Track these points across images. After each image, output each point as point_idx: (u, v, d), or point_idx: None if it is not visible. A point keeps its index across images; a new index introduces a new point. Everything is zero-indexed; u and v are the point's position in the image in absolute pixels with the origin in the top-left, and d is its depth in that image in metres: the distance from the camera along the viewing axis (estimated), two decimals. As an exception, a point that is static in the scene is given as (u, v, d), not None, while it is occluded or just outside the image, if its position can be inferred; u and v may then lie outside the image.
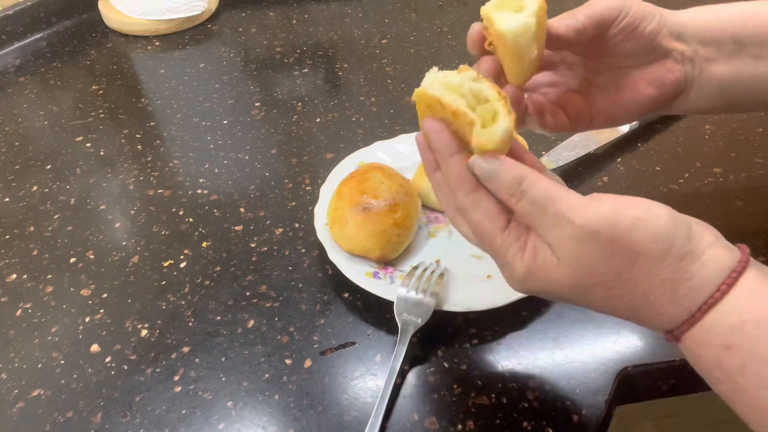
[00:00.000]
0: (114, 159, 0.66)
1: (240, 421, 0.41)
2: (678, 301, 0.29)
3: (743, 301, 0.27)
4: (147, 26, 0.89)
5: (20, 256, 0.55)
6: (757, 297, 0.27)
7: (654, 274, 0.28)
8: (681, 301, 0.29)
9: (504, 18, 0.34)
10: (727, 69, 0.39)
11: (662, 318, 0.30)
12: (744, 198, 0.57)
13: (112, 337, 0.47)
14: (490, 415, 0.41)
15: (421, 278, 0.47)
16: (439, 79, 0.32)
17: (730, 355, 0.27)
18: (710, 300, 0.28)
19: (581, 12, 0.37)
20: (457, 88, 0.32)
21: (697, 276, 0.28)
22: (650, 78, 0.40)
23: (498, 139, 0.30)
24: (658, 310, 0.29)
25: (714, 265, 0.28)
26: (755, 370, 0.26)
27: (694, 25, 0.39)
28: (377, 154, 0.60)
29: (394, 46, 0.85)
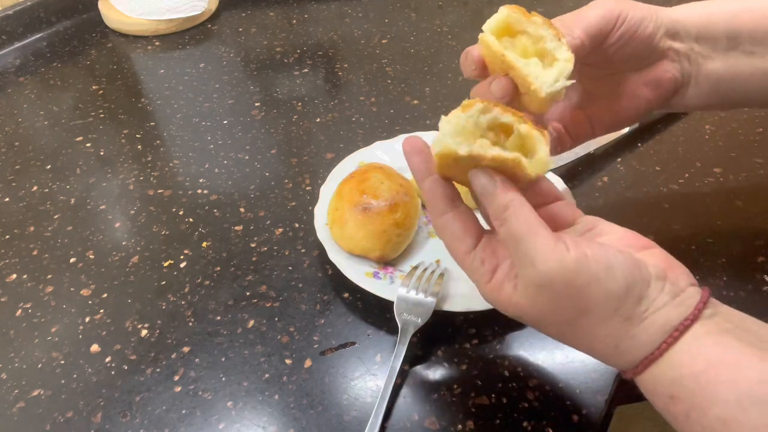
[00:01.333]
0: (114, 159, 0.66)
1: (240, 421, 0.41)
2: (620, 355, 0.30)
3: (682, 356, 0.29)
4: (147, 26, 0.89)
5: (20, 256, 0.55)
6: (694, 352, 0.28)
7: (597, 330, 0.30)
8: (622, 355, 0.30)
9: (537, 74, 0.33)
10: (722, 66, 0.39)
11: (610, 363, 0.32)
12: (744, 198, 0.57)
13: (112, 337, 0.47)
14: (490, 415, 0.41)
15: (421, 278, 0.47)
16: (452, 129, 0.31)
17: (674, 404, 0.29)
18: (651, 356, 0.29)
19: (576, 27, 0.36)
20: (474, 131, 0.31)
21: (638, 336, 0.29)
22: (648, 80, 0.40)
23: (546, 166, 0.31)
24: (605, 357, 0.32)
25: (659, 324, 0.29)
26: (697, 418, 0.28)
27: (689, 21, 0.39)
28: (377, 154, 0.60)
29: (394, 46, 0.85)
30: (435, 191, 0.34)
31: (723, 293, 0.48)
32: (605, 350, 0.31)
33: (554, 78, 0.33)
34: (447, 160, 0.32)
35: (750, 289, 0.48)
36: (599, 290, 0.29)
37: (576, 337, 0.32)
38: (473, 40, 0.38)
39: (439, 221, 0.34)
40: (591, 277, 0.29)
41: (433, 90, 0.75)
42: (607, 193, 0.58)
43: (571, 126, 0.42)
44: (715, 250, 0.52)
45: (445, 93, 0.74)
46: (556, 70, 0.33)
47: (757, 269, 0.50)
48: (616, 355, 0.31)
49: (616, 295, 0.29)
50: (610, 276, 0.29)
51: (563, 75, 0.33)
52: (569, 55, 0.33)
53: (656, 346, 0.29)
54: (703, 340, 0.28)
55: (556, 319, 0.31)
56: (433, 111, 0.71)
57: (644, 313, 0.29)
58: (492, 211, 0.31)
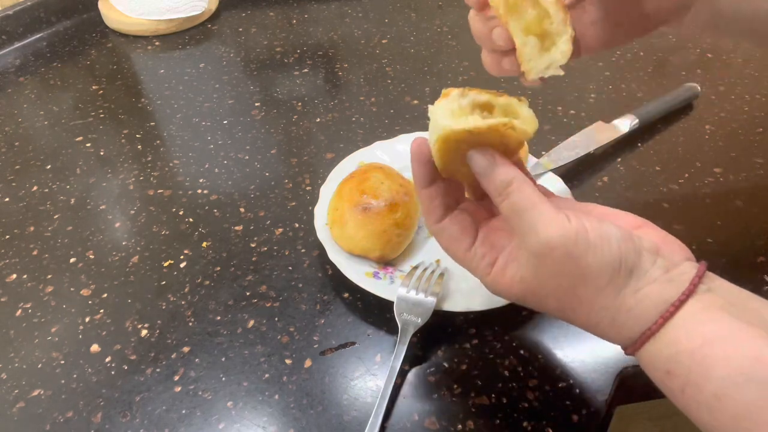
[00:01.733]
0: (114, 159, 0.66)
1: (240, 421, 0.41)
2: (618, 329, 0.31)
3: (678, 332, 0.29)
4: (147, 26, 0.89)
5: (20, 256, 0.55)
6: (690, 329, 0.29)
7: (594, 302, 0.31)
8: (621, 329, 0.31)
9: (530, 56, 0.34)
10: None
11: (610, 338, 0.33)
12: (744, 198, 0.57)
13: (112, 337, 0.47)
14: (490, 415, 0.41)
15: (421, 278, 0.47)
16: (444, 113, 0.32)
17: (671, 379, 0.29)
18: (647, 332, 0.30)
19: None
20: (461, 113, 0.32)
21: (635, 309, 0.30)
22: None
23: (534, 121, 0.32)
24: (603, 331, 0.32)
25: (653, 299, 0.30)
26: (692, 394, 0.28)
27: None
28: (377, 154, 0.60)
29: (394, 46, 0.85)
30: (433, 200, 0.35)
31: (723, 293, 0.48)
32: (603, 324, 0.32)
33: (545, 65, 0.33)
34: (448, 146, 0.32)
35: (750, 289, 0.48)
36: (595, 260, 0.30)
37: (574, 311, 0.32)
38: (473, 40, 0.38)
39: (435, 227, 0.36)
40: (588, 247, 0.30)
41: (433, 90, 0.75)
42: (607, 193, 0.58)
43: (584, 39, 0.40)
44: (715, 250, 0.52)
45: (445, 93, 0.74)
46: (549, 58, 0.33)
47: (757, 269, 0.50)
48: (613, 329, 0.31)
49: (611, 264, 0.30)
50: (606, 246, 0.30)
51: (555, 66, 0.33)
52: (567, 47, 0.33)
53: (653, 321, 0.30)
54: (699, 316, 0.29)
55: (556, 290, 0.32)
56: (433, 111, 0.71)
57: (637, 284, 0.30)
58: (494, 188, 0.32)
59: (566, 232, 0.30)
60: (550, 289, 0.32)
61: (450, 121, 0.31)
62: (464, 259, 0.35)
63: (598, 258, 0.30)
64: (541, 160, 0.59)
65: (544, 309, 0.35)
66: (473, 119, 0.31)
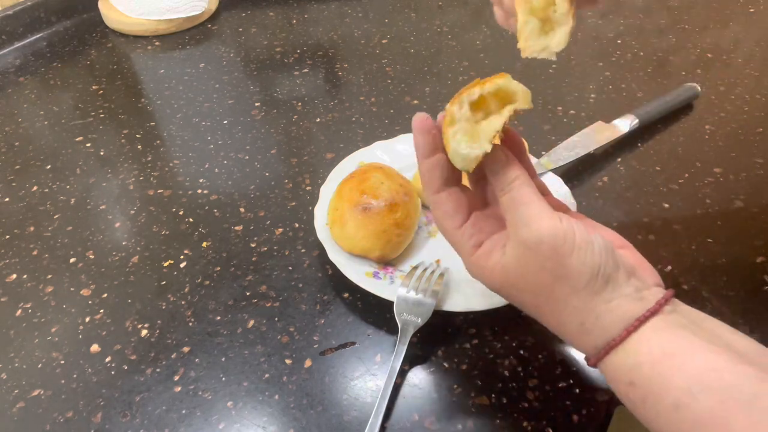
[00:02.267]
0: (114, 159, 0.66)
1: (240, 421, 0.41)
2: (585, 334, 0.32)
3: (641, 345, 0.31)
4: (147, 26, 0.89)
5: (20, 256, 0.55)
6: (652, 342, 0.30)
7: (569, 301, 0.32)
8: (587, 335, 0.32)
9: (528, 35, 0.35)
10: None
11: (577, 344, 0.34)
12: (744, 198, 0.57)
13: (112, 337, 0.47)
14: (490, 415, 0.41)
15: (421, 278, 0.47)
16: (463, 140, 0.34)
17: (633, 390, 0.31)
18: (612, 342, 0.31)
19: None
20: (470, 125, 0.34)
21: (603, 317, 0.32)
22: None
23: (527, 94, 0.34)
24: (571, 334, 0.33)
25: (621, 312, 0.31)
26: (652, 404, 0.30)
27: None
28: (377, 154, 0.60)
29: (394, 46, 0.85)
30: (433, 171, 0.36)
31: (723, 293, 0.48)
32: (571, 326, 0.33)
33: (540, 48, 0.35)
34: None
35: (750, 289, 0.48)
36: (578, 261, 0.32)
37: (548, 308, 0.33)
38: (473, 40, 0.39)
39: (433, 198, 0.37)
40: (574, 248, 0.32)
41: (433, 90, 0.75)
42: (607, 193, 0.58)
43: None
44: (715, 250, 0.52)
45: (445, 93, 0.74)
46: (545, 42, 0.34)
47: (757, 269, 0.50)
48: (580, 333, 0.33)
49: (590, 268, 0.32)
50: (589, 250, 0.32)
51: (549, 51, 0.34)
52: (564, 38, 0.34)
53: (618, 332, 0.31)
54: (662, 333, 0.31)
55: (535, 285, 0.33)
56: (433, 111, 0.70)
57: (611, 295, 0.32)
58: (499, 182, 0.34)
59: (556, 230, 0.32)
60: (530, 283, 0.33)
61: (468, 150, 0.34)
62: (453, 235, 0.37)
63: (581, 260, 0.32)
64: (541, 160, 0.60)
65: (518, 302, 0.36)
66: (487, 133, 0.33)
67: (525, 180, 0.34)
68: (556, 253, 0.32)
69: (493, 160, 0.35)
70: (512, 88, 0.34)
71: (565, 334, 0.34)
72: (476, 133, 0.34)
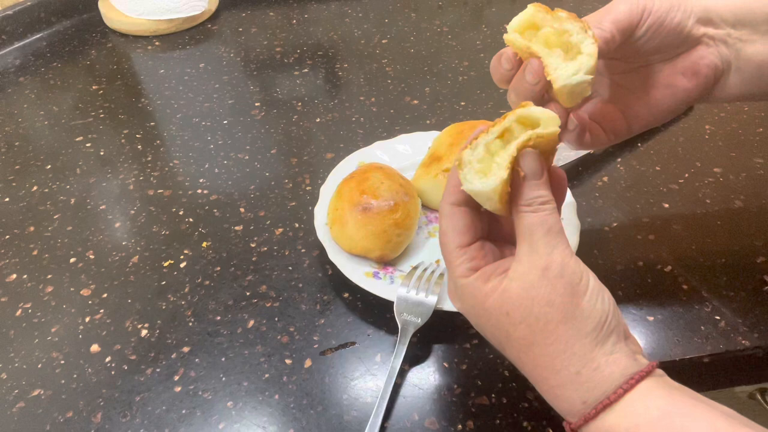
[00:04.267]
0: (114, 159, 0.66)
1: (240, 421, 0.41)
2: (578, 384, 0.30)
3: (636, 406, 0.29)
4: (147, 26, 0.89)
5: (20, 256, 0.55)
6: (649, 402, 0.29)
7: (570, 343, 0.30)
8: (579, 387, 0.30)
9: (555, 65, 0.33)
10: (764, 48, 0.38)
11: (559, 397, 0.31)
12: (744, 198, 0.57)
13: (112, 337, 0.47)
14: (490, 415, 0.41)
15: (421, 278, 0.47)
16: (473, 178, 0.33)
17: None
18: (606, 401, 0.29)
19: (605, 20, 0.36)
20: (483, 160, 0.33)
21: (602, 369, 0.30)
22: (683, 68, 0.38)
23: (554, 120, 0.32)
24: (559, 383, 0.31)
25: (621, 367, 0.30)
26: None
27: (723, 8, 0.38)
28: (377, 154, 0.60)
29: (394, 46, 0.85)
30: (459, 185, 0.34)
31: (723, 293, 0.48)
32: (565, 373, 0.31)
33: (573, 71, 0.33)
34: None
35: (750, 289, 0.48)
36: (589, 304, 0.31)
37: (543, 347, 0.31)
38: (473, 40, 0.38)
39: (449, 209, 0.35)
40: (588, 290, 0.31)
41: (433, 90, 0.75)
42: (607, 193, 0.58)
43: (606, 122, 0.41)
44: (715, 250, 0.52)
45: (445, 93, 0.74)
46: (576, 63, 0.33)
47: (757, 269, 0.50)
48: (573, 382, 0.30)
49: (599, 315, 0.31)
50: (600, 297, 0.31)
51: (583, 70, 0.33)
52: (593, 48, 0.33)
53: (615, 387, 0.30)
54: (657, 392, 0.29)
55: (538, 317, 0.31)
56: (433, 111, 0.71)
57: (612, 347, 0.31)
58: (528, 194, 0.32)
59: (578, 269, 0.31)
60: (531, 315, 0.31)
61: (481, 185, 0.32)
62: (452, 252, 0.35)
63: (592, 303, 0.31)
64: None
65: (502, 334, 0.33)
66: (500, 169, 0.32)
67: (555, 207, 0.33)
68: (572, 290, 0.30)
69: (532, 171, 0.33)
70: (535, 115, 0.32)
71: (549, 381, 0.31)
72: (489, 168, 0.32)
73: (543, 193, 0.32)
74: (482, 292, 0.33)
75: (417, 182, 0.55)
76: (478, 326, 0.35)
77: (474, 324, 0.36)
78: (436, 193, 0.54)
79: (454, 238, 0.35)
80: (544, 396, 0.33)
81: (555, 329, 0.31)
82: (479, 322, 0.35)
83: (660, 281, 0.49)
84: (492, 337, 0.34)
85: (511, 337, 0.32)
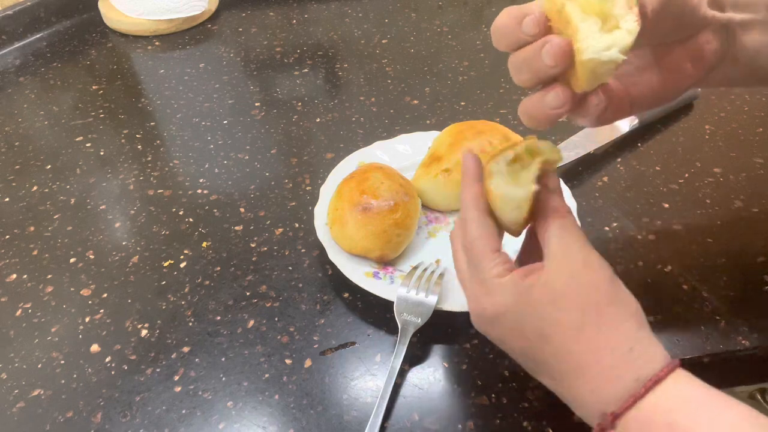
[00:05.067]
0: (114, 159, 0.66)
1: (240, 421, 0.41)
2: (632, 362, 0.31)
3: (680, 385, 0.30)
4: (147, 26, 0.89)
5: (20, 256, 0.55)
6: (692, 382, 0.30)
7: (620, 322, 0.32)
8: (634, 364, 0.31)
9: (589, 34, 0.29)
10: (760, 37, 0.37)
11: (611, 380, 0.31)
12: (744, 198, 0.57)
13: (112, 337, 0.47)
14: (490, 415, 0.41)
15: (421, 278, 0.47)
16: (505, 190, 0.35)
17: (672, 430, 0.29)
18: (655, 377, 0.30)
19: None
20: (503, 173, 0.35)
21: (649, 348, 0.31)
22: (690, 52, 0.38)
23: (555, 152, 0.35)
24: (613, 363, 0.31)
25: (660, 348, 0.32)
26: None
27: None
28: (377, 154, 0.60)
29: (394, 46, 0.85)
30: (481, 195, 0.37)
31: (723, 293, 0.48)
32: (618, 353, 0.31)
33: (606, 45, 0.29)
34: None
35: (750, 289, 0.48)
36: (626, 292, 0.33)
37: (596, 329, 0.32)
38: (473, 40, 0.38)
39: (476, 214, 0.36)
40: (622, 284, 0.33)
41: (433, 90, 0.75)
42: (607, 193, 0.58)
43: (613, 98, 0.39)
44: (715, 250, 0.52)
45: (445, 93, 0.74)
46: (611, 37, 0.29)
47: (757, 269, 0.50)
48: (627, 361, 0.31)
49: (635, 302, 0.33)
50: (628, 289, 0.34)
51: (617, 46, 0.29)
52: (635, 26, 0.30)
53: (660, 367, 0.30)
54: (691, 379, 0.31)
55: (587, 301, 0.32)
56: (433, 111, 0.71)
57: (649, 331, 0.32)
58: (556, 202, 0.35)
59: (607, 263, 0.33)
60: (581, 297, 0.32)
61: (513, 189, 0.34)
62: (486, 255, 0.35)
63: (627, 292, 0.33)
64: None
65: (550, 325, 0.33)
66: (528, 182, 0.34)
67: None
68: (611, 279, 0.33)
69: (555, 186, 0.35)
70: (540, 147, 0.35)
71: (603, 361, 0.31)
72: (516, 178, 0.35)
73: (565, 203, 0.35)
74: (524, 286, 0.33)
75: (417, 182, 0.55)
76: (514, 329, 0.34)
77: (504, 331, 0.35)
78: (436, 193, 0.54)
79: (489, 242, 0.35)
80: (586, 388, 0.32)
81: (605, 310, 0.32)
82: (517, 319, 0.34)
83: (660, 281, 0.49)
84: (532, 334, 0.33)
85: (560, 324, 0.32)
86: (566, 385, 0.33)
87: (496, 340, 0.37)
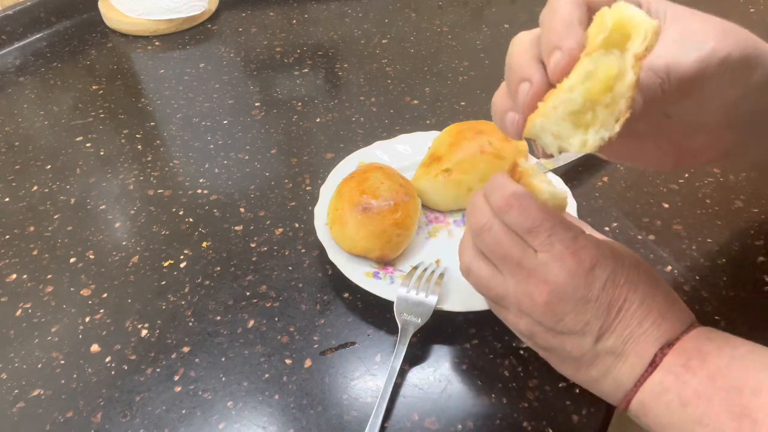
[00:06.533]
0: (114, 159, 0.66)
1: (240, 421, 0.41)
2: (681, 310, 0.35)
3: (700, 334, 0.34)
4: (147, 26, 0.89)
5: (20, 256, 0.55)
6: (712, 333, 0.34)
7: (659, 285, 0.35)
8: (681, 312, 0.35)
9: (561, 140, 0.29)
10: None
11: (666, 329, 0.34)
12: (744, 198, 0.57)
13: (112, 337, 0.47)
14: (490, 415, 0.41)
15: (421, 278, 0.47)
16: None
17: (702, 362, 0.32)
18: (693, 325, 0.35)
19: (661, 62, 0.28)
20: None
21: (679, 310, 0.35)
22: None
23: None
24: (655, 317, 0.34)
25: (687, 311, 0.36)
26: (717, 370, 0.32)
27: None
28: (377, 154, 0.60)
29: (394, 46, 0.85)
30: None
31: (723, 293, 0.48)
32: (671, 297, 0.35)
33: (579, 144, 0.28)
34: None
35: (750, 289, 0.48)
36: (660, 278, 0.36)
37: (643, 290, 0.34)
38: (473, 40, 0.38)
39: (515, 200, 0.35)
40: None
41: (433, 90, 0.75)
42: (607, 193, 0.58)
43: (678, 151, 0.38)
44: (715, 250, 0.52)
45: (445, 93, 0.74)
46: (568, 137, 0.28)
47: (757, 269, 0.50)
48: (676, 309, 0.35)
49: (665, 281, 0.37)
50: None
51: (588, 147, 0.28)
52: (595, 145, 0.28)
53: (690, 322, 0.35)
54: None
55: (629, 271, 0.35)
56: (433, 111, 0.71)
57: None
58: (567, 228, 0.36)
59: None
60: (625, 268, 0.34)
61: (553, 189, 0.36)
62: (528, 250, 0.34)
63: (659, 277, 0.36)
64: (541, 160, 0.59)
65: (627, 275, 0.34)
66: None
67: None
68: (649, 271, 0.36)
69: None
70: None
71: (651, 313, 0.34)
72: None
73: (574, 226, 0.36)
74: (575, 252, 0.34)
75: (417, 182, 0.55)
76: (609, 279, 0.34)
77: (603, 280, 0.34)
78: (435, 193, 0.54)
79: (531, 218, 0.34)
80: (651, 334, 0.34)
81: (652, 271, 0.36)
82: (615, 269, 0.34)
83: (660, 281, 0.49)
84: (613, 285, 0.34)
85: (640, 268, 0.35)
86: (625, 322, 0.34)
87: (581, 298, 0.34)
